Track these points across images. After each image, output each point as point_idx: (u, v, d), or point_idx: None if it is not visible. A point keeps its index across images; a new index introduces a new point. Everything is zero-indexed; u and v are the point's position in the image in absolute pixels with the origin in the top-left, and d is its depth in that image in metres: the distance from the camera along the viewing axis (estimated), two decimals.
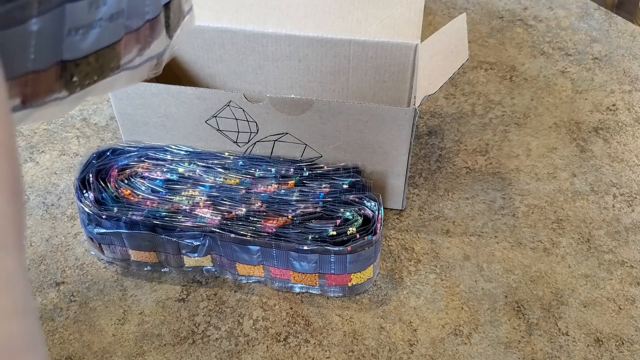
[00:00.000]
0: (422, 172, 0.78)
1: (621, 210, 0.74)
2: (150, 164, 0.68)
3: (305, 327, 0.63)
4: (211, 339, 0.62)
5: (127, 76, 0.34)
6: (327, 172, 0.68)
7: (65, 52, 0.29)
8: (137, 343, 0.62)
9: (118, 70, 0.33)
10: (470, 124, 0.84)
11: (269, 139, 0.69)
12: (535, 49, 0.95)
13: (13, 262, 0.23)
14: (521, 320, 0.64)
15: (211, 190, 0.66)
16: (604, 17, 1.01)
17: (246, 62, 0.76)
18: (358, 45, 0.72)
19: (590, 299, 0.65)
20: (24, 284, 0.23)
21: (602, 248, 0.70)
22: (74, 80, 0.31)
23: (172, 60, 0.78)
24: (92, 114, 0.86)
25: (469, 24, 0.94)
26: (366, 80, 0.75)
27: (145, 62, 0.35)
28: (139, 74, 0.36)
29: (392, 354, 0.61)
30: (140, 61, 0.35)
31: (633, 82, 0.90)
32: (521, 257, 0.69)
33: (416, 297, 0.65)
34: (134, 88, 0.67)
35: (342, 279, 0.63)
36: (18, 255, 0.24)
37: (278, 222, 0.63)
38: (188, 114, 0.68)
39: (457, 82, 0.90)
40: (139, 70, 0.35)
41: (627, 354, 0.61)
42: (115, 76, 0.33)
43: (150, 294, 0.66)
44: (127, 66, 0.34)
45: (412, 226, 0.72)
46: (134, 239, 0.64)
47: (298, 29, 0.72)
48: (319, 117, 0.65)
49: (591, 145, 0.81)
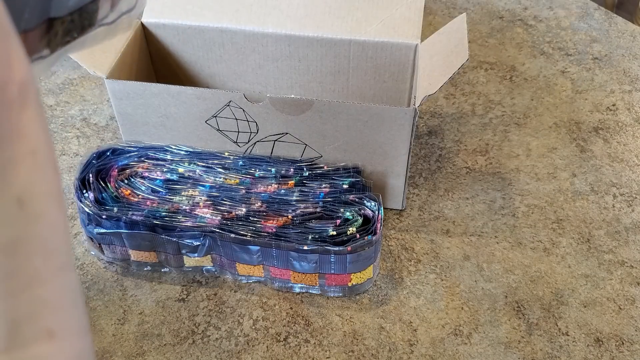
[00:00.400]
0: (422, 172, 0.78)
1: (621, 210, 0.74)
2: (150, 164, 0.68)
3: (305, 327, 0.63)
4: (211, 339, 0.62)
5: (103, 32, 0.35)
6: (327, 172, 0.68)
7: (53, 10, 0.30)
8: (137, 343, 0.62)
9: (95, 27, 0.33)
10: (470, 124, 0.84)
11: (269, 139, 0.69)
12: (535, 49, 0.96)
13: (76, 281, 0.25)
14: (521, 320, 0.64)
15: (211, 190, 0.66)
16: (604, 17, 1.01)
17: (246, 62, 0.77)
18: (358, 45, 0.72)
19: (590, 299, 0.65)
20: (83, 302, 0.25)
21: (602, 248, 0.70)
22: (57, 38, 0.31)
23: (172, 60, 0.78)
24: (92, 114, 0.86)
25: (469, 24, 0.94)
26: (366, 80, 0.75)
27: (119, 17, 0.36)
28: (113, 30, 0.36)
29: (392, 354, 0.61)
30: (114, 17, 0.35)
31: (633, 82, 0.90)
32: (521, 257, 0.69)
33: (416, 297, 0.65)
34: (134, 88, 0.67)
35: (342, 279, 0.63)
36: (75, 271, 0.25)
37: (278, 222, 0.63)
38: (188, 114, 0.68)
39: (457, 82, 0.90)
40: (113, 27, 0.36)
41: (627, 354, 0.61)
42: (92, 33, 0.33)
43: (150, 294, 0.66)
44: (103, 22, 0.34)
45: (412, 226, 0.72)
46: (134, 239, 0.64)
47: (298, 29, 0.72)
48: (319, 117, 0.65)
49: (591, 145, 0.81)
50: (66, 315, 0.24)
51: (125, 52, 0.71)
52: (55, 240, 0.23)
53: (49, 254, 0.23)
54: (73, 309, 0.24)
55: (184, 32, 0.75)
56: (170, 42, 0.76)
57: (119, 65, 0.69)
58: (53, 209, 0.23)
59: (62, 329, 0.23)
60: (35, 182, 0.22)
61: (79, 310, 0.25)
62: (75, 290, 0.25)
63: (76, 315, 0.25)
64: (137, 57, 0.74)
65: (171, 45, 0.77)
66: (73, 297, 0.24)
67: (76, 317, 0.25)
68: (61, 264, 0.24)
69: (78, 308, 0.25)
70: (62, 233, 0.24)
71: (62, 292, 0.24)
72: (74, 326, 0.24)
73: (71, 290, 0.24)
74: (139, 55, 0.75)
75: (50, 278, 0.23)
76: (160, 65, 0.79)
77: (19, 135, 0.22)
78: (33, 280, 0.22)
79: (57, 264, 0.23)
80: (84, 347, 0.24)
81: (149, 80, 0.78)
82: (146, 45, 0.77)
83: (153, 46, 0.77)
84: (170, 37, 0.76)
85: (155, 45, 0.77)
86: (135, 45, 0.74)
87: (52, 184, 0.23)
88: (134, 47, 0.73)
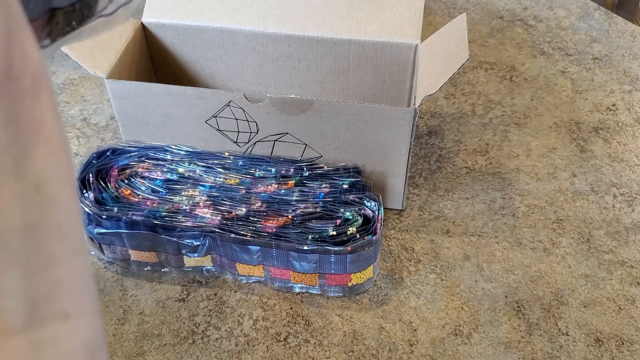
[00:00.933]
0: (422, 172, 0.78)
1: (621, 210, 0.74)
2: (150, 164, 0.68)
3: (305, 327, 0.63)
4: (211, 339, 0.62)
5: (102, 24, 0.35)
6: (327, 172, 0.68)
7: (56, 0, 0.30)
8: (137, 343, 0.62)
9: (94, 18, 0.34)
10: (470, 124, 0.84)
11: (269, 139, 0.69)
12: (535, 49, 0.96)
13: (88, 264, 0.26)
14: (521, 320, 0.64)
15: (211, 190, 0.66)
16: (604, 17, 1.01)
17: (246, 62, 0.77)
18: (358, 45, 0.72)
19: (590, 299, 0.65)
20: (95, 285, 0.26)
21: (602, 248, 0.70)
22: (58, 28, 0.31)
23: (172, 60, 0.78)
24: (92, 114, 0.86)
25: (469, 24, 0.94)
26: (366, 80, 0.75)
27: (117, 9, 0.36)
28: (111, 22, 0.36)
29: (392, 354, 0.61)
30: (112, 9, 0.35)
31: (633, 82, 0.90)
32: (521, 257, 0.69)
33: (416, 297, 0.65)
34: (134, 88, 0.67)
35: (342, 279, 0.63)
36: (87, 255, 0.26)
37: (278, 222, 0.63)
38: (188, 114, 0.68)
39: (457, 82, 0.90)
40: (112, 18, 0.36)
41: (627, 354, 0.61)
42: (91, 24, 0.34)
43: (150, 294, 0.66)
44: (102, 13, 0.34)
45: (412, 226, 0.72)
46: (134, 239, 0.64)
47: (298, 29, 0.72)
48: (319, 117, 0.65)
49: (591, 145, 0.81)
50: (80, 296, 0.25)
51: (125, 52, 0.71)
52: (69, 224, 0.24)
53: (64, 237, 0.24)
54: (86, 291, 0.25)
55: (184, 32, 0.75)
56: (170, 42, 0.76)
57: (119, 65, 0.69)
58: (67, 194, 0.24)
59: (77, 309, 0.24)
60: (51, 168, 0.23)
61: (92, 292, 0.26)
62: (88, 272, 0.26)
63: (89, 297, 0.25)
64: (137, 57, 0.74)
65: (171, 45, 0.77)
66: (86, 280, 0.25)
67: (89, 298, 0.25)
68: (75, 247, 0.24)
69: (90, 290, 0.26)
70: (76, 217, 0.25)
71: (77, 274, 0.24)
72: (87, 307, 0.25)
73: (84, 273, 0.25)
74: (139, 55, 0.75)
75: (66, 260, 0.24)
76: (160, 65, 0.79)
77: (35, 124, 0.23)
78: (50, 262, 0.23)
79: (72, 247, 0.24)
80: (96, 327, 0.25)
81: (149, 80, 0.78)
82: (146, 45, 0.77)
83: (153, 46, 0.77)
84: (170, 37, 0.76)
85: (155, 45, 0.77)
86: (135, 45, 0.74)
87: (65, 169, 0.24)
88: (134, 47, 0.73)
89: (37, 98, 0.23)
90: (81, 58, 0.66)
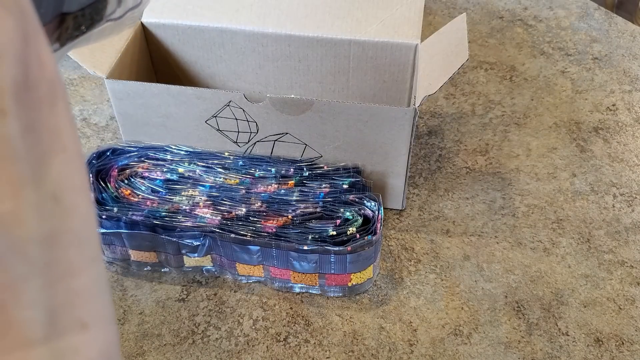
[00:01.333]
0: (422, 172, 0.78)
1: (621, 210, 0.74)
2: (150, 164, 0.68)
3: (305, 327, 0.63)
4: (211, 339, 0.62)
5: (109, 28, 0.35)
6: (327, 172, 0.68)
7: (66, 5, 0.30)
8: (137, 343, 0.62)
9: (102, 22, 0.34)
10: (470, 124, 0.84)
11: (269, 139, 0.69)
12: (535, 49, 0.96)
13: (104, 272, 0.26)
14: (521, 320, 0.64)
15: (211, 190, 0.66)
16: (604, 17, 1.01)
17: (246, 62, 0.77)
18: (358, 45, 0.72)
19: (590, 299, 0.65)
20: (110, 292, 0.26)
21: (602, 248, 0.70)
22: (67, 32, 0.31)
23: (172, 60, 0.78)
24: (92, 114, 0.86)
25: (469, 24, 0.94)
26: (366, 80, 0.75)
27: (125, 13, 0.36)
28: (119, 26, 0.37)
29: (392, 354, 0.61)
30: (120, 13, 0.35)
31: (633, 82, 0.90)
32: (521, 257, 0.69)
33: (416, 297, 0.65)
34: (134, 88, 0.67)
35: (342, 279, 0.63)
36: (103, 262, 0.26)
37: (278, 222, 0.63)
38: (188, 114, 0.68)
39: (457, 82, 0.90)
40: (119, 22, 0.36)
41: (627, 354, 0.61)
42: (100, 28, 0.34)
43: (150, 294, 0.66)
44: (110, 17, 0.34)
45: (412, 226, 0.72)
46: (134, 239, 0.64)
47: (298, 29, 0.72)
48: (319, 117, 0.65)
49: (591, 145, 0.81)
50: (97, 305, 0.25)
51: (125, 52, 0.71)
52: (86, 233, 0.24)
53: (82, 246, 0.24)
54: (103, 299, 0.25)
55: (184, 32, 0.75)
56: (170, 42, 0.76)
57: (119, 65, 0.69)
58: (84, 203, 0.24)
59: (94, 318, 0.24)
60: (68, 177, 0.23)
61: (108, 300, 0.26)
62: (104, 280, 0.26)
63: (106, 305, 0.25)
64: (137, 57, 0.74)
65: (171, 45, 0.77)
66: (103, 288, 0.25)
67: (106, 306, 0.25)
68: (92, 256, 0.24)
69: (107, 298, 0.26)
70: (92, 225, 0.25)
71: (94, 283, 0.25)
72: (104, 316, 0.25)
73: (101, 281, 0.25)
74: (139, 55, 0.75)
75: (84, 269, 0.24)
76: (160, 65, 0.79)
77: (52, 132, 0.22)
78: (68, 272, 0.23)
79: (90, 256, 0.24)
80: (113, 335, 0.25)
81: (149, 80, 0.78)
82: (146, 45, 0.77)
83: (153, 46, 0.77)
84: (170, 37, 0.76)
85: (155, 45, 0.77)
86: (135, 45, 0.74)
87: (81, 177, 0.24)
88: (134, 47, 0.73)
89: (54, 105, 0.22)
90: (81, 58, 0.66)
